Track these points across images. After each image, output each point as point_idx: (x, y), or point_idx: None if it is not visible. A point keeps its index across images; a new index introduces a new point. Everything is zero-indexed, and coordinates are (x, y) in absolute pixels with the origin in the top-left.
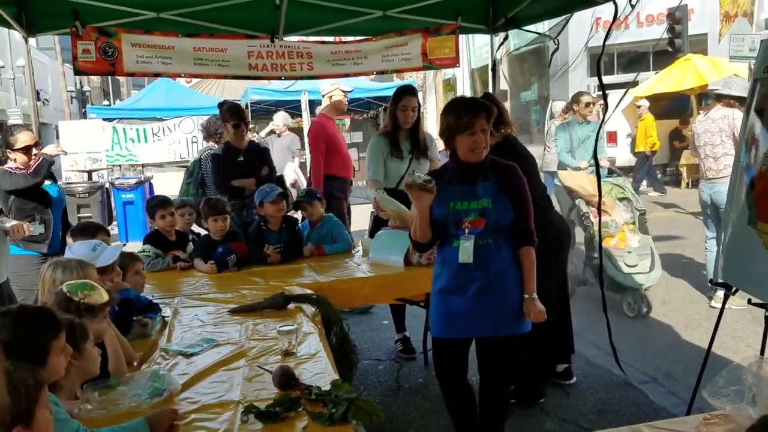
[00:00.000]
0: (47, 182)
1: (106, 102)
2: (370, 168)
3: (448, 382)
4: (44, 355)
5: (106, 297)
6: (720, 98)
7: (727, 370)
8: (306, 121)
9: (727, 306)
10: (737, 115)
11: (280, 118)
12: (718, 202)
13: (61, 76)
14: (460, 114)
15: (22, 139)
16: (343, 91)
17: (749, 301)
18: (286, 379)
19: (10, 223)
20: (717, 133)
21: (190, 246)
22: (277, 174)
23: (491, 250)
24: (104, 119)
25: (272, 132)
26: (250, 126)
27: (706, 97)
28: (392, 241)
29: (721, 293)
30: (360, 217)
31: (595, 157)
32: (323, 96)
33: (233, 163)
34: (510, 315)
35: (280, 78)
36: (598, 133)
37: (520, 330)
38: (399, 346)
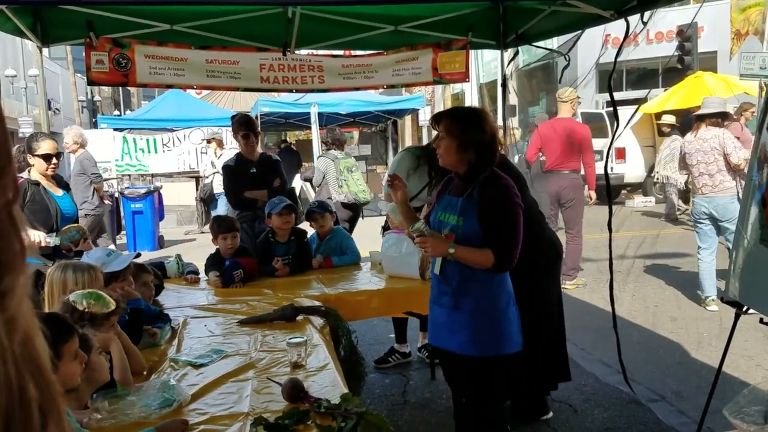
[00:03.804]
0: (59, 193)
1: (116, 112)
2: None
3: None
4: (55, 359)
5: (112, 306)
6: (702, 118)
7: (749, 390)
8: (315, 133)
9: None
10: (727, 134)
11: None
12: (719, 215)
13: (72, 85)
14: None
15: (45, 146)
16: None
17: (761, 320)
18: (295, 391)
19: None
20: (710, 151)
21: None
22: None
23: (460, 269)
24: (114, 129)
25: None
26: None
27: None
28: (403, 258)
29: (711, 299)
30: (372, 229)
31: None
32: (568, 101)
33: (245, 174)
34: (480, 336)
35: (291, 91)
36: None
37: (492, 352)
38: (398, 357)
